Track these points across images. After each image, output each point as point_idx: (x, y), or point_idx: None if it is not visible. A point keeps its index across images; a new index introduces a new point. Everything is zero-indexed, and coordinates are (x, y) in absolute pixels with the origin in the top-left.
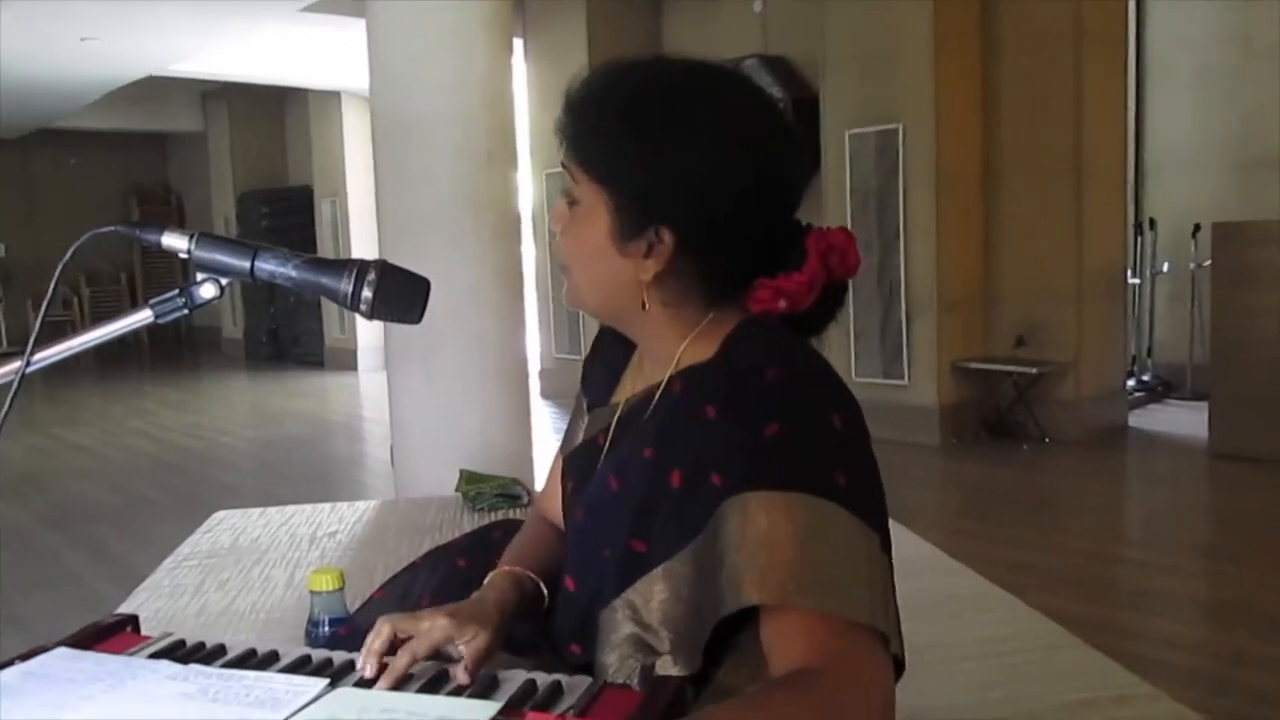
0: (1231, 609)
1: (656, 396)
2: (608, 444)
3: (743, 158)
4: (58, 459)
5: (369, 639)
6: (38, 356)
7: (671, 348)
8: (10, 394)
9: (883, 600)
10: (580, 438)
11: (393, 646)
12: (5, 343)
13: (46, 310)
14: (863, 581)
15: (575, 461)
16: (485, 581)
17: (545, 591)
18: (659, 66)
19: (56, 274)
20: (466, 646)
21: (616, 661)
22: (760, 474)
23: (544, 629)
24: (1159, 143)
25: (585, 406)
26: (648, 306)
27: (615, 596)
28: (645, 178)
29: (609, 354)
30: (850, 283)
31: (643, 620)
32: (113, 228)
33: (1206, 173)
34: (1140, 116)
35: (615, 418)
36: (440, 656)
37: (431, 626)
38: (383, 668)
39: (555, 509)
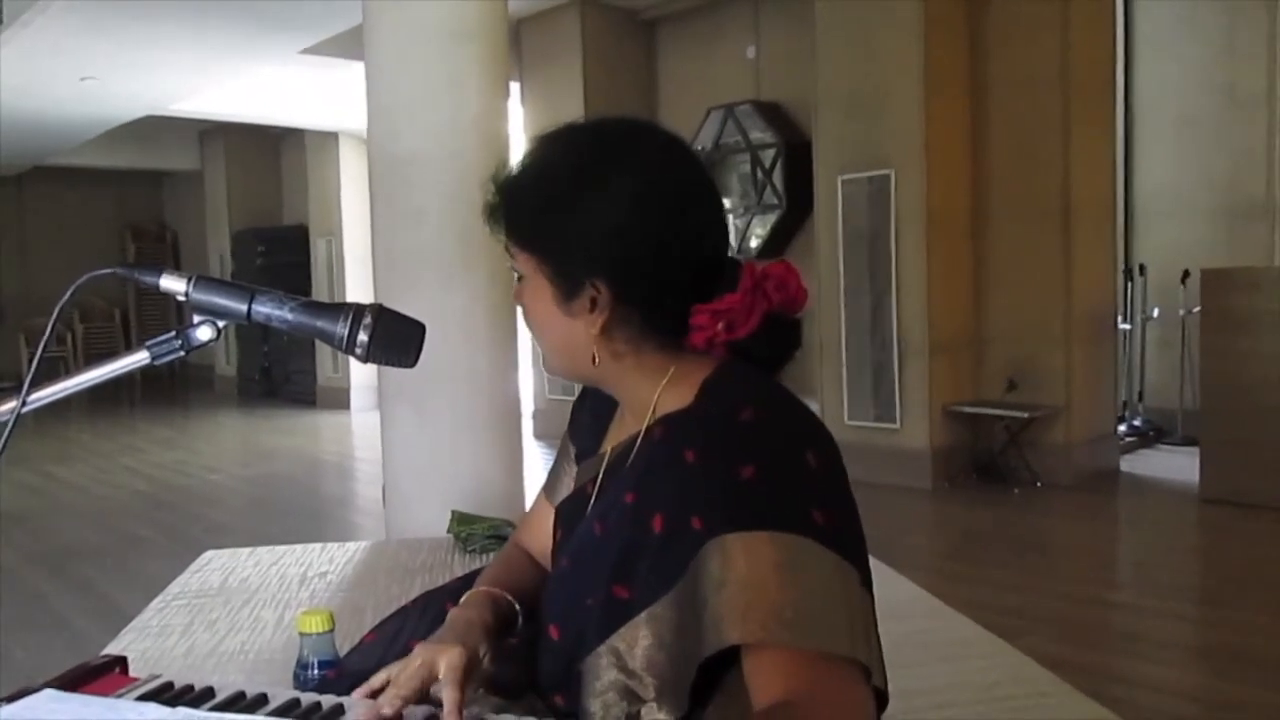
0: (1223, 654)
1: (637, 443)
2: (595, 492)
3: (658, 204)
4: (47, 496)
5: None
6: (33, 396)
7: (647, 395)
8: (5, 434)
9: (863, 633)
10: (566, 484)
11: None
12: None
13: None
14: (842, 616)
15: (565, 511)
16: (462, 600)
17: (519, 610)
18: (569, 134)
19: (54, 316)
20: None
21: (601, 709)
22: (737, 515)
23: (531, 675)
24: (1146, 189)
25: (573, 454)
26: (598, 361)
27: (599, 643)
28: (568, 233)
29: (595, 402)
30: (841, 327)
31: (627, 667)
32: (111, 270)
33: (1194, 219)
34: (1128, 163)
35: (602, 467)
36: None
37: (448, 662)
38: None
39: (534, 542)
